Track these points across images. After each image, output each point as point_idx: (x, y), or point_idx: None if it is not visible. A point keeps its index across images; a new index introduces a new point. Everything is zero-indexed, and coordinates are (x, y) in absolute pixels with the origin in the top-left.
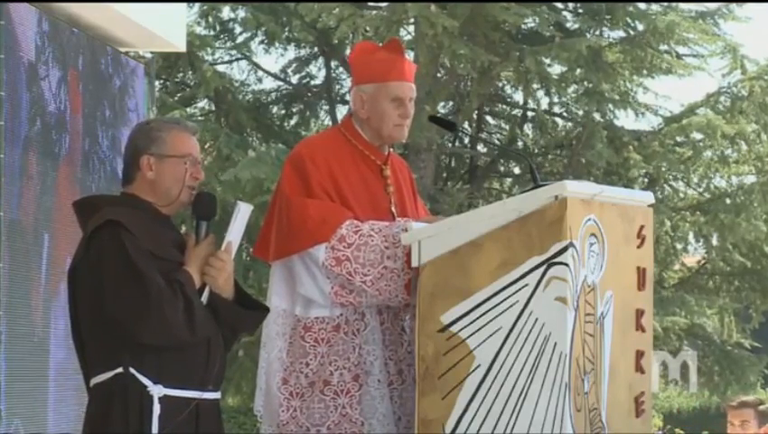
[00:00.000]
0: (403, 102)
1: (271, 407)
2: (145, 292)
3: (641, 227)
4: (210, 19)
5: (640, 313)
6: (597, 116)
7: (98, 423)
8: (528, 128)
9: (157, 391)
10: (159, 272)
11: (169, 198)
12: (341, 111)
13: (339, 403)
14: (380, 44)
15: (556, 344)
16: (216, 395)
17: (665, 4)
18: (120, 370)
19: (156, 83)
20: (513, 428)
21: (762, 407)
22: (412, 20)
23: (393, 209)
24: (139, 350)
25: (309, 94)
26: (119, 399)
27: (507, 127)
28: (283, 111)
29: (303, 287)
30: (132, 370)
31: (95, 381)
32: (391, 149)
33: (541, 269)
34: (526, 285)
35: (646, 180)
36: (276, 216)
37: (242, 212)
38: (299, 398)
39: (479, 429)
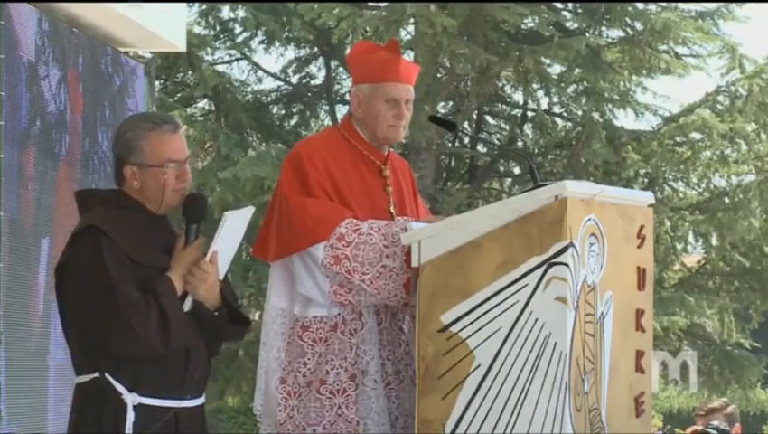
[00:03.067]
0: (398, 103)
1: (270, 406)
2: (114, 305)
3: (641, 227)
4: (210, 19)
5: (640, 313)
6: (596, 115)
7: (77, 424)
8: (527, 128)
9: (132, 398)
10: (138, 280)
11: (157, 203)
12: (342, 111)
13: (335, 403)
14: (380, 45)
15: (556, 344)
16: (196, 402)
17: (664, 3)
18: (97, 374)
19: (156, 83)
20: (513, 428)
21: (728, 410)
22: (411, 20)
23: (392, 209)
24: (115, 357)
25: (309, 94)
26: (94, 402)
27: (507, 127)
28: (283, 111)
29: (302, 286)
30: (108, 376)
31: (77, 380)
32: (391, 149)
33: (541, 269)
34: (526, 285)
35: (646, 180)
36: (276, 216)
37: (229, 222)
38: (296, 397)
39: (479, 429)
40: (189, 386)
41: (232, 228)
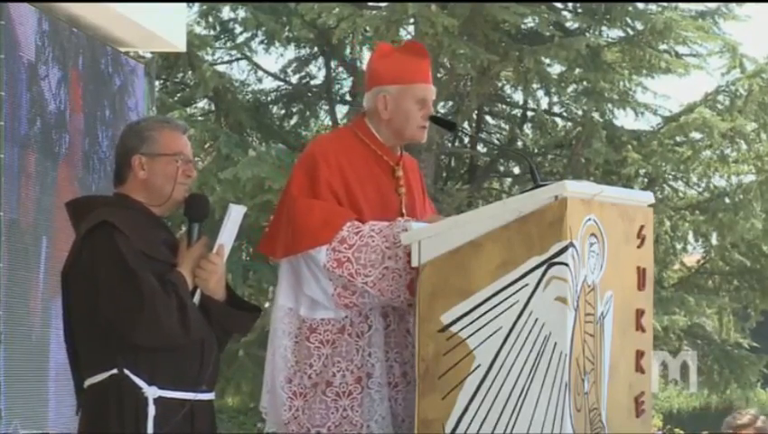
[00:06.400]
0: (427, 104)
1: (275, 405)
2: (138, 293)
3: (641, 227)
4: (210, 19)
5: (640, 313)
6: (596, 115)
7: (93, 424)
8: (527, 128)
9: (152, 392)
10: (152, 273)
11: (162, 197)
12: (342, 111)
13: (340, 405)
14: (398, 46)
15: (556, 344)
16: (210, 396)
17: (664, 3)
18: (115, 371)
19: (156, 83)
20: (513, 428)
21: (758, 423)
22: (412, 20)
23: (403, 210)
24: (134, 351)
25: (309, 94)
26: (114, 400)
27: (507, 127)
28: (283, 111)
29: (309, 288)
30: (126, 371)
31: (89, 382)
32: (405, 151)
33: (541, 269)
34: (526, 285)
35: (645, 180)
36: (284, 215)
37: (234, 215)
38: (302, 398)
39: (479, 429)
40: (204, 378)
41: (234, 222)
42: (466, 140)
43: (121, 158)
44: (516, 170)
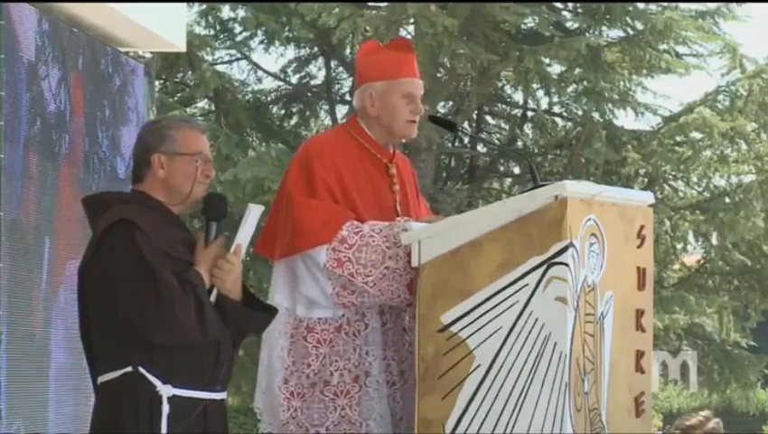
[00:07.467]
0: (414, 98)
1: (272, 406)
2: (157, 292)
3: (641, 227)
4: (210, 19)
5: (640, 313)
6: (596, 115)
7: (106, 422)
8: (527, 128)
9: (166, 390)
10: (171, 272)
11: (181, 196)
12: (342, 111)
13: (338, 404)
14: (383, 43)
15: (556, 344)
16: (223, 395)
17: (664, 3)
18: (130, 369)
19: (156, 83)
20: (513, 428)
21: (708, 426)
22: (412, 20)
23: (398, 207)
24: (149, 349)
25: (309, 94)
26: (128, 398)
27: (507, 127)
28: (283, 111)
29: (305, 287)
30: (141, 369)
31: (103, 379)
32: (399, 148)
33: (541, 269)
34: (526, 285)
35: (645, 180)
36: (282, 215)
37: (252, 214)
38: (300, 398)
39: (479, 429)
40: (219, 377)
41: (252, 221)
42: (466, 140)
43: (140, 156)
44: (516, 170)
